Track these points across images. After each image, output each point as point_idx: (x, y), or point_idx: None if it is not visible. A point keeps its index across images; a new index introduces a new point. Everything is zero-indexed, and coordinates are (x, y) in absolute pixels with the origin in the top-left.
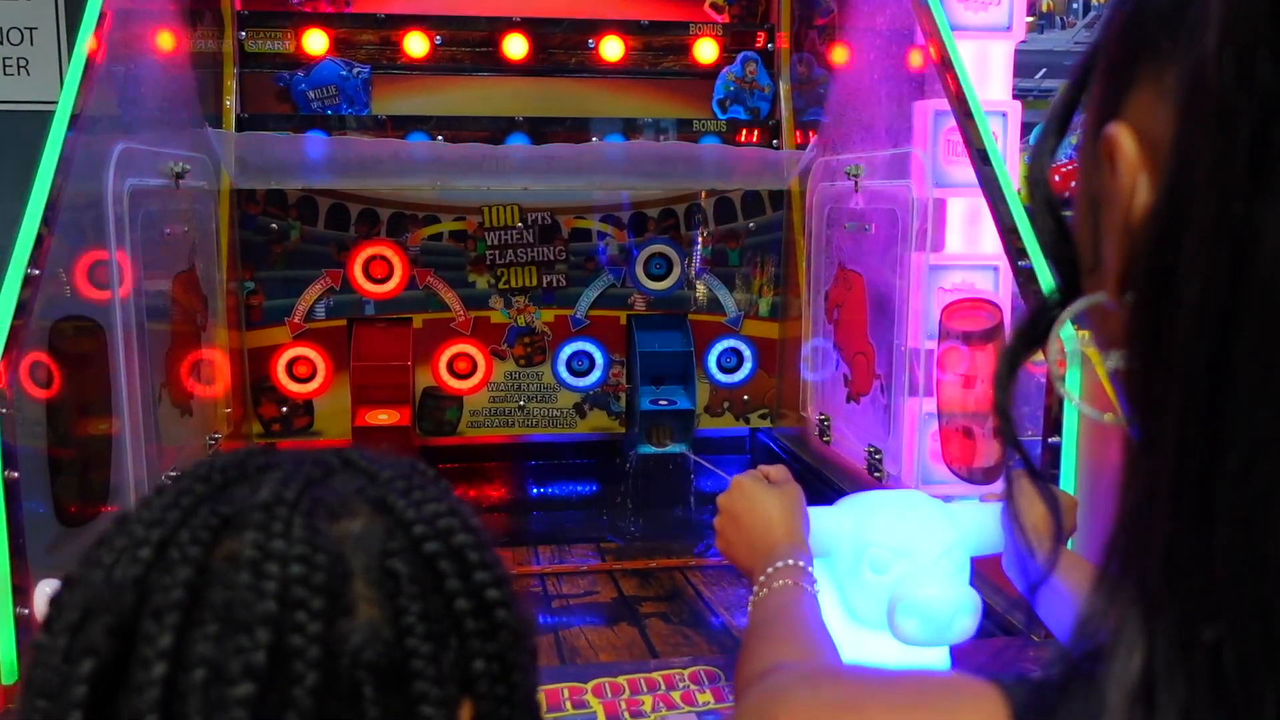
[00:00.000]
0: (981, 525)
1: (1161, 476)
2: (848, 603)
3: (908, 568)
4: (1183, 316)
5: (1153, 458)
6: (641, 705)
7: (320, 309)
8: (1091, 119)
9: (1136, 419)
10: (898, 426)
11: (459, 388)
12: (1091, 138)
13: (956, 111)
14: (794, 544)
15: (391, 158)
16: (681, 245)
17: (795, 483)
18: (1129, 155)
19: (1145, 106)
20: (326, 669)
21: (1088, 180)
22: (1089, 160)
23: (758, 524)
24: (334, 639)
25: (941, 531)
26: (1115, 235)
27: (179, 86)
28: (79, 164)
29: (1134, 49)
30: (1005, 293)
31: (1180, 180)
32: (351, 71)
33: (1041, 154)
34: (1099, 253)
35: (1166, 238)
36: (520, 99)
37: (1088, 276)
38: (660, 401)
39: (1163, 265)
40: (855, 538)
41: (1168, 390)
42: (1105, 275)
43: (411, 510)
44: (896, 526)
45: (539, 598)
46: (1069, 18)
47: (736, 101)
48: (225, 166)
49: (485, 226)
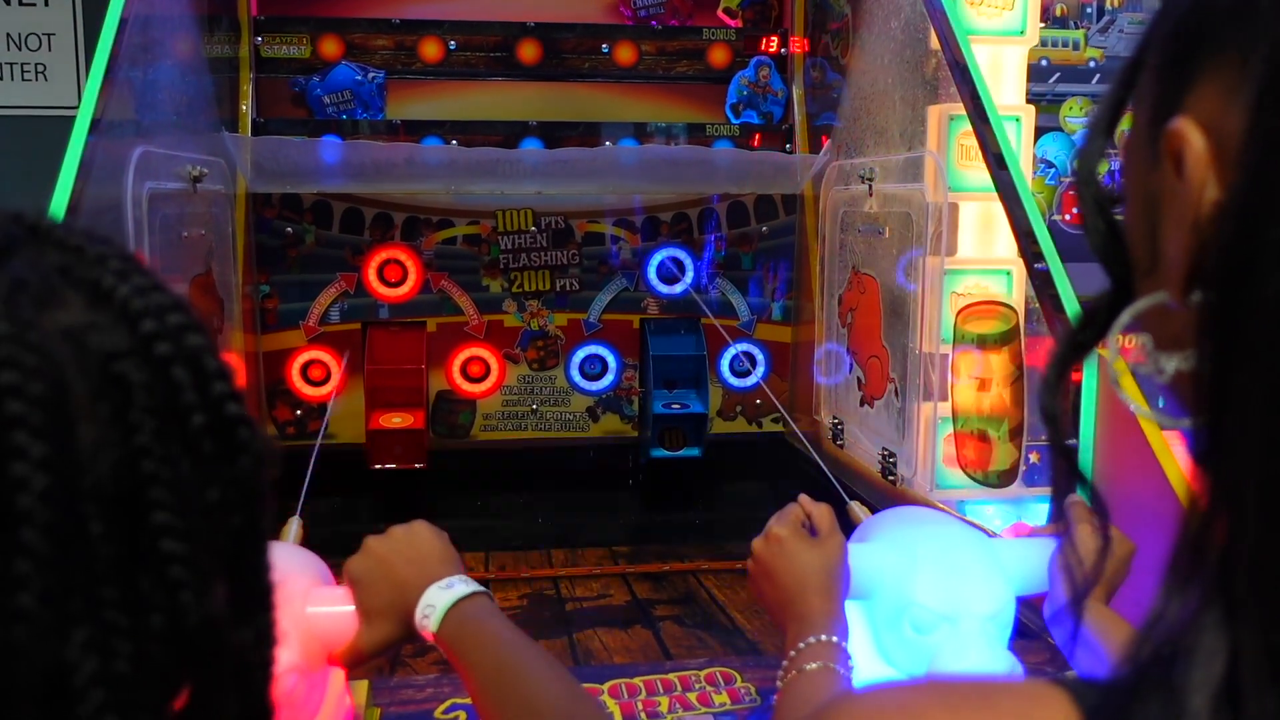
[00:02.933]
0: (1028, 564)
1: (1245, 478)
2: (883, 649)
3: (951, 634)
4: (1266, 310)
5: (1234, 458)
6: (658, 706)
7: (335, 312)
8: (1145, 117)
9: (1207, 420)
10: (912, 430)
11: (472, 391)
12: (1147, 136)
13: (973, 116)
14: (830, 613)
15: (406, 162)
16: (694, 249)
17: (839, 533)
18: (1198, 151)
19: (1210, 101)
20: (57, 503)
21: (1143, 179)
22: (1143, 159)
23: (792, 586)
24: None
25: (989, 594)
26: (1180, 233)
27: (196, 91)
28: (99, 168)
29: (1194, 45)
30: (1018, 296)
31: (1261, 172)
32: (366, 76)
33: (1090, 154)
34: (1156, 253)
35: (1246, 231)
36: (534, 104)
37: (1142, 278)
38: (673, 405)
39: (1242, 260)
40: (897, 587)
41: (1250, 388)
42: (1166, 275)
43: (137, 299)
44: (943, 586)
45: (552, 601)
46: (1083, 21)
47: (750, 106)
48: (241, 170)
49: (499, 230)
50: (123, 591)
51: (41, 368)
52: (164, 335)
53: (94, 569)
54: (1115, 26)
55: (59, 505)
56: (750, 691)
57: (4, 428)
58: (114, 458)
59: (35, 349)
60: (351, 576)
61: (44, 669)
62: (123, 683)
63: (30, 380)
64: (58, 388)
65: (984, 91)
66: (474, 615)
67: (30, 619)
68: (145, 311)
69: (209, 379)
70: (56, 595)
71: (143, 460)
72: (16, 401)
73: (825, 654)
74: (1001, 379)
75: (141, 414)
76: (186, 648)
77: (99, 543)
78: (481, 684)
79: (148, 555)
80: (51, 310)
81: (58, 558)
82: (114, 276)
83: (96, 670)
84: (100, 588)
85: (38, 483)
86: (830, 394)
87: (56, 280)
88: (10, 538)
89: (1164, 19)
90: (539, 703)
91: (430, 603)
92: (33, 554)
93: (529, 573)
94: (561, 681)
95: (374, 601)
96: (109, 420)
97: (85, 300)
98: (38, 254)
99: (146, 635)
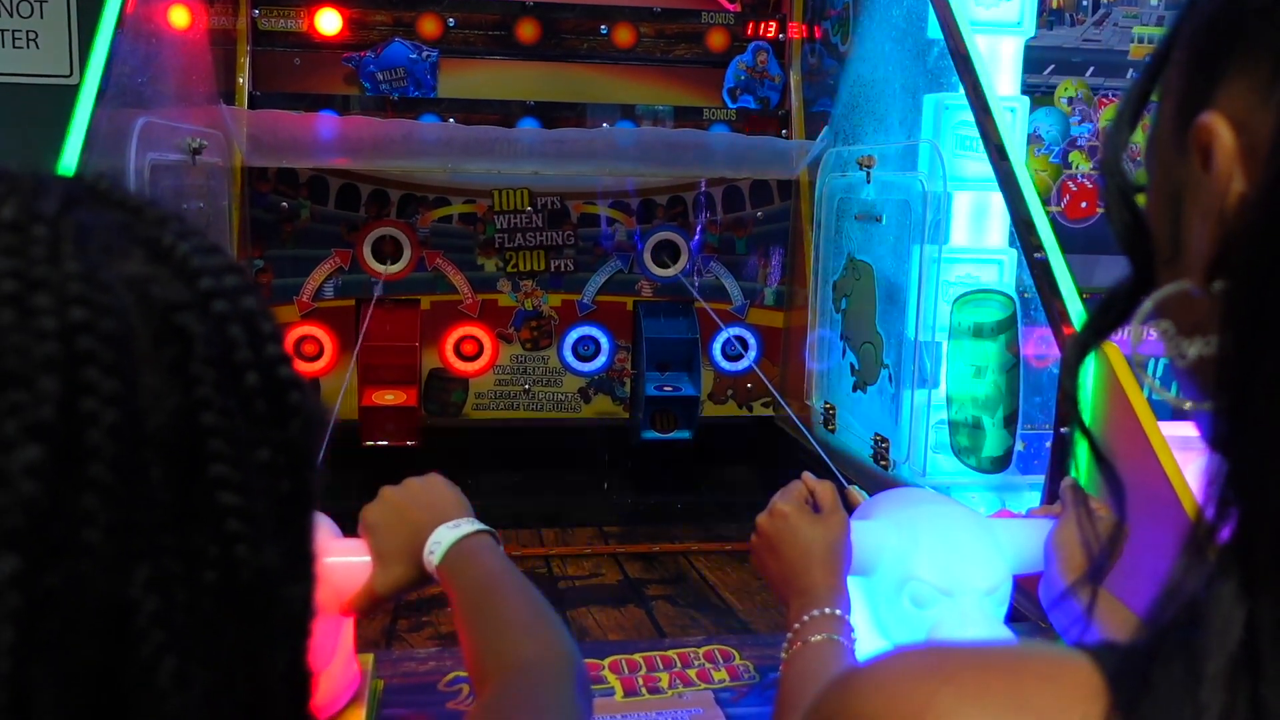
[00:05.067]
0: (1025, 543)
1: (1269, 456)
2: (882, 625)
3: (949, 608)
4: None
5: (1256, 438)
6: (659, 682)
7: (329, 288)
8: (1172, 110)
9: (1228, 402)
10: (905, 416)
11: (465, 370)
12: (1174, 128)
13: (974, 106)
14: (833, 587)
15: (403, 139)
16: (689, 232)
17: (842, 510)
18: (1226, 145)
19: (1240, 96)
20: (125, 441)
21: (1168, 170)
22: (1170, 150)
23: (797, 560)
24: (128, 404)
25: (987, 570)
26: (1205, 224)
27: (196, 62)
28: (103, 138)
29: (1226, 41)
30: (1010, 285)
31: None
32: (420, 54)
33: (1116, 145)
34: (1178, 241)
35: (1272, 225)
36: (532, 84)
37: (1163, 266)
38: (665, 388)
39: (1270, 250)
40: (898, 563)
41: (1274, 372)
42: (1190, 264)
43: (196, 258)
44: (942, 562)
45: (544, 579)
46: (1079, 14)
47: (747, 91)
48: (237, 144)
49: (495, 210)
50: (179, 540)
51: (111, 307)
52: (222, 294)
53: (154, 514)
54: (1110, 20)
55: (125, 443)
56: (749, 669)
57: (75, 363)
58: (173, 407)
59: (105, 289)
60: (367, 522)
61: (107, 607)
62: (180, 629)
63: (101, 318)
64: (126, 329)
65: (986, 82)
66: (472, 549)
67: (96, 554)
68: (204, 270)
69: (264, 340)
70: (121, 533)
71: (202, 412)
72: (88, 336)
73: (829, 626)
74: (996, 366)
75: (202, 366)
76: (239, 601)
77: (158, 488)
78: (461, 606)
79: (204, 507)
80: (116, 259)
81: (123, 496)
82: (173, 236)
83: (158, 609)
84: (160, 534)
85: (107, 417)
86: (822, 379)
87: (118, 235)
88: (79, 471)
89: (1194, 13)
90: (505, 621)
91: (437, 540)
92: (100, 489)
93: (520, 551)
94: (533, 606)
95: (388, 545)
96: (169, 370)
97: (146, 254)
98: (100, 209)
99: (201, 586)
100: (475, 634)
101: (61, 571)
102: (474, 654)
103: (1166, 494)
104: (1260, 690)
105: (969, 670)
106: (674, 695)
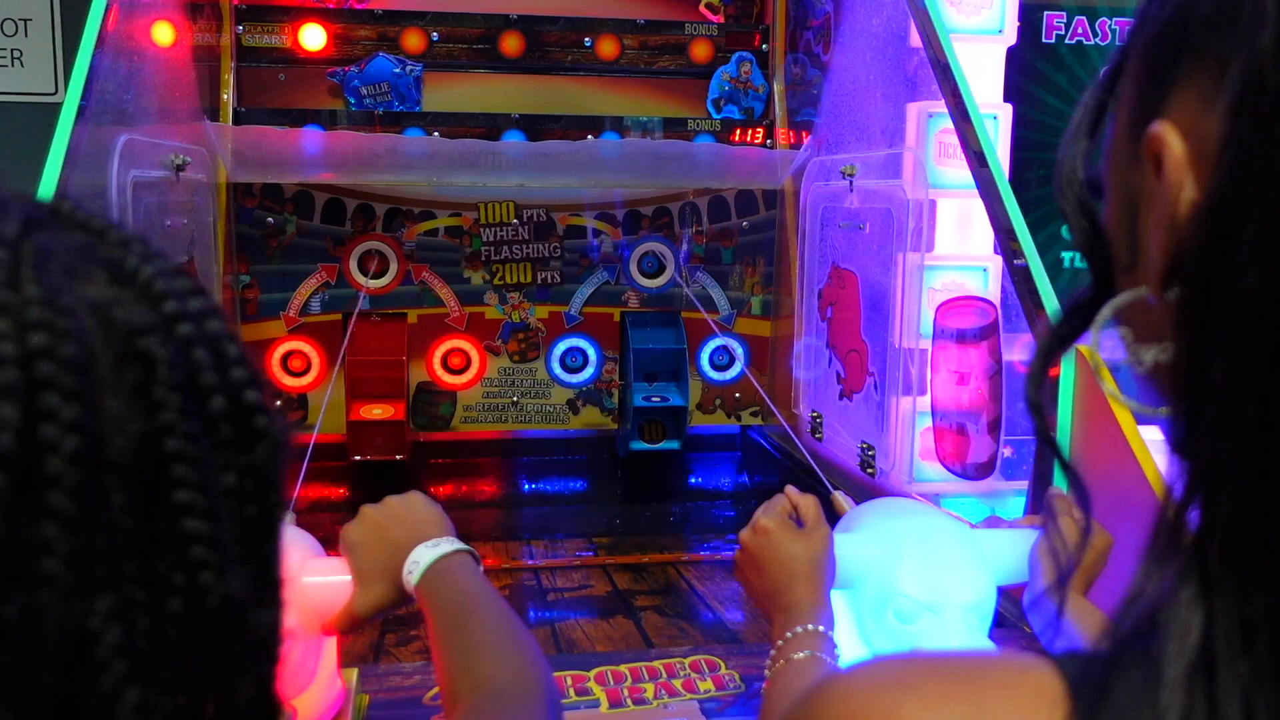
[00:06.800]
0: (1009, 554)
1: (1220, 460)
2: (867, 638)
3: (933, 623)
4: (1240, 305)
5: (1211, 441)
6: (644, 693)
7: (315, 303)
8: (1126, 120)
9: (1184, 407)
10: (891, 423)
11: (453, 383)
12: (1128, 138)
13: (954, 114)
14: (816, 603)
15: (388, 153)
16: (675, 243)
17: (825, 525)
18: (1176, 153)
19: (1189, 106)
20: (85, 468)
21: (1123, 179)
22: (1125, 160)
23: (780, 576)
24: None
25: (971, 584)
26: (1159, 232)
27: (179, 79)
28: (84, 155)
29: (1175, 51)
30: (994, 293)
31: (1236, 175)
32: (405, 69)
33: (1073, 156)
34: (1135, 250)
35: (1222, 231)
36: (516, 96)
37: (1123, 274)
38: (653, 398)
39: (1218, 257)
40: (882, 577)
41: (1225, 376)
42: (1146, 271)
43: (160, 281)
44: (926, 576)
45: (533, 591)
46: None
47: (731, 101)
48: (222, 159)
49: (481, 223)
50: (142, 568)
51: (72, 332)
52: (186, 317)
53: (116, 541)
54: None
55: (86, 470)
56: (735, 679)
57: (35, 389)
58: (137, 432)
59: (66, 313)
60: (347, 542)
61: (67, 638)
62: (143, 658)
63: (61, 343)
64: (87, 354)
65: (965, 90)
66: (450, 569)
67: (55, 584)
68: (168, 293)
69: (229, 364)
70: (81, 562)
71: (167, 438)
72: (48, 363)
73: (812, 643)
74: (980, 373)
75: (166, 391)
76: (205, 629)
77: (120, 515)
78: (436, 626)
79: (168, 534)
80: (78, 282)
81: (84, 524)
82: (137, 258)
83: (120, 640)
84: (122, 561)
85: (68, 445)
86: (809, 388)
87: (80, 257)
88: (38, 500)
89: (1145, 25)
90: (477, 643)
91: (415, 559)
92: (60, 517)
93: (509, 563)
94: (506, 627)
95: (368, 564)
96: (132, 394)
97: (108, 277)
98: (61, 232)
99: (165, 614)
100: (448, 654)
101: (19, 602)
102: (446, 674)
103: (1149, 498)
104: (1217, 694)
105: (931, 679)
106: (659, 706)
